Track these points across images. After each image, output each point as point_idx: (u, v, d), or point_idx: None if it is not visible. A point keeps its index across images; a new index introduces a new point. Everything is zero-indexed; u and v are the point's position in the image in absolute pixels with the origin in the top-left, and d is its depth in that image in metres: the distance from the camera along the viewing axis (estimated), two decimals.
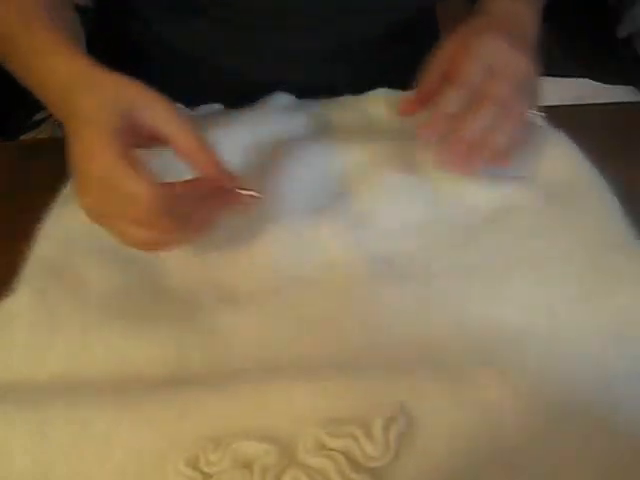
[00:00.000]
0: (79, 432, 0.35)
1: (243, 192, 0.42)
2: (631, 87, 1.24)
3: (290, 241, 0.46)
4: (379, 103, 0.61)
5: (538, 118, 0.54)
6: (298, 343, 0.40)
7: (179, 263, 0.45)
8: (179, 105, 0.54)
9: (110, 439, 0.35)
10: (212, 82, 0.64)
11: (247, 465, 0.34)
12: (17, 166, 0.57)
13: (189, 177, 0.42)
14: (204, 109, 0.59)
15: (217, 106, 0.60)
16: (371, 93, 0.62)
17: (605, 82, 1.28)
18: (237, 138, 0.54)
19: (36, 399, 0.37)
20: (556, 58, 1.63)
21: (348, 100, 0.62)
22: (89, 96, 0.40)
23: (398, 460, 0.34)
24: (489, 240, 0.47)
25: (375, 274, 0.44)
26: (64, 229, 0.47)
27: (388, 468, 0.34)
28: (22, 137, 0.64)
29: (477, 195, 0.50)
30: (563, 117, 0.63)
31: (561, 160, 0.52)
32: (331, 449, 0.34)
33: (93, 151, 0.38)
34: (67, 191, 0.51)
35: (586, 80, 1.30)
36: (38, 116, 0.61)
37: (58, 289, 0.43)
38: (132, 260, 0.45)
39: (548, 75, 1.27)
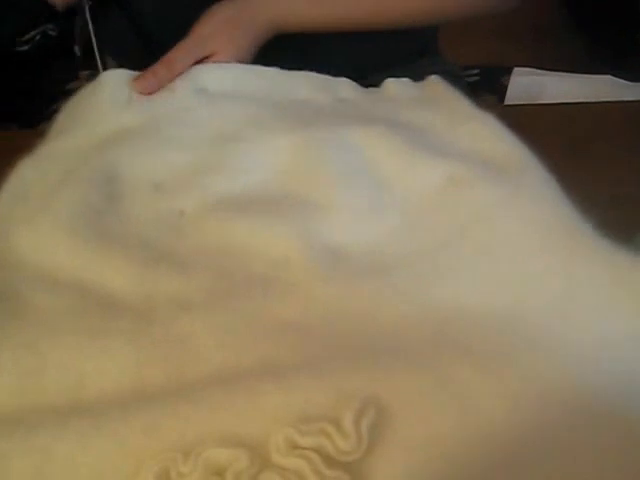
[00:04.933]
0: (41, 461, 0.33)
1: None
2: None
3: (240, 240, 0.45)
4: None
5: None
6: (259, 343, 0.38)
7: (128, 277, 0.44)
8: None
9: (75, 463, 0.33)
10: None
11: (219, 473, 0.32)
12: None
13: None
14: None
15: None
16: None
17: (627, 80, 1.25)
18: None
19: None
20: (578, 55, 1.60)
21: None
22: None
23: (373, 453, 0.32)
24: (442, 224, 0.46)
25: (331, 268, 0.43)
26: (3, 249, 0.46)
27: (363, 462, 0.32)
28: (40, 126, 0.64)
29: (425, 178, 0.49)
30: (584, 114, 0.62)
31: (500, 142, 0.51)
32: (304, 448, 0.32)
33: None
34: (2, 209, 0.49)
35: (608, 77, 1.26)
36: (56, 105, 0.62)
37: (2, 312, 0.41)
38: (78, 279, 0.44)
39: (570, 72, 1.25)
